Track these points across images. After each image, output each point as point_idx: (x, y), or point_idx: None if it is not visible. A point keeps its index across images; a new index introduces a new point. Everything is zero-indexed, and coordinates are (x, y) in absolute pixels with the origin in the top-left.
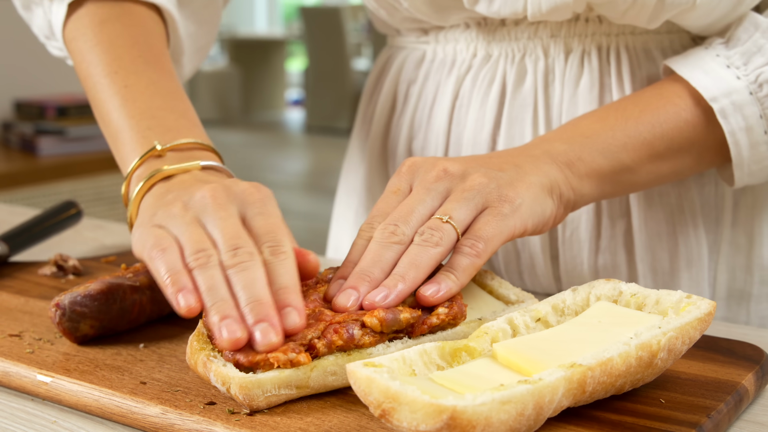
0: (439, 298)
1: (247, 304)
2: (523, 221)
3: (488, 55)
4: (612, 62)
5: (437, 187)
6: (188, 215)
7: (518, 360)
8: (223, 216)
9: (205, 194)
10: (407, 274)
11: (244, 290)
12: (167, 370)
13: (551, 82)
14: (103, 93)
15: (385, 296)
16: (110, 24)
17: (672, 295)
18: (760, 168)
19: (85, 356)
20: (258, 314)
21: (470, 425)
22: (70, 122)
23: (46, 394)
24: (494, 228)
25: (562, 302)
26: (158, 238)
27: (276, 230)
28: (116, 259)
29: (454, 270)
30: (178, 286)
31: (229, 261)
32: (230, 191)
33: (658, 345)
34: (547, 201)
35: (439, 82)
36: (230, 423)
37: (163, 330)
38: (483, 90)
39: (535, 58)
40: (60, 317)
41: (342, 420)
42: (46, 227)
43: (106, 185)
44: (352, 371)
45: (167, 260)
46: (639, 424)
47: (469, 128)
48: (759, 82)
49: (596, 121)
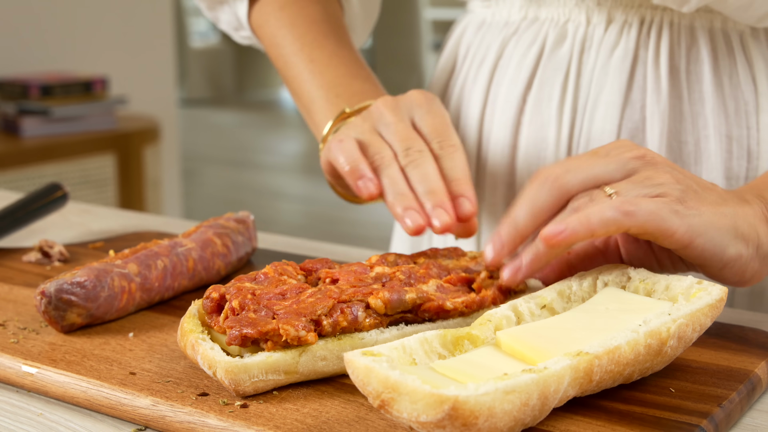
0: (564, 238)
1: (424, 194)
2: (690, 230)
3: (536, 17)
4: (652, 36)
5: (627, 164)
6: (366, 125)
7: (523, 348)
8: (394, 121)
9: (378, 105)
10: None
11: (420, 183)
12: (158, 360)
13: (587, 49)
14: (294, 69)
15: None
16: (289, 7)
17: (682, 281)
18: None
19: (72, 346)
20: (435, 202)
21: (473, 416)
22: (55, 101)
23: (31, 385)
24: (654, 206)
25: (568, 288)
26: (339, 139)
27: (443, 127)
28: (104, 245)
29: (590, 217)
30: (358, 173)
31: (404, 160)
32: (398, 100)
33: (668, 332)
34: (736, 242)
35: (489, 43)
36: (224, 414)
37: (153, 319)
38: (522, 51)
39: (577, 24)
40: (46, 305)
41: (340, 411)
42: (30, 211)
43: (93, 167)
44: (350, 360)
45: (345, 149)
46: (648, 414)
47: (505, 87)
48: None
49: None
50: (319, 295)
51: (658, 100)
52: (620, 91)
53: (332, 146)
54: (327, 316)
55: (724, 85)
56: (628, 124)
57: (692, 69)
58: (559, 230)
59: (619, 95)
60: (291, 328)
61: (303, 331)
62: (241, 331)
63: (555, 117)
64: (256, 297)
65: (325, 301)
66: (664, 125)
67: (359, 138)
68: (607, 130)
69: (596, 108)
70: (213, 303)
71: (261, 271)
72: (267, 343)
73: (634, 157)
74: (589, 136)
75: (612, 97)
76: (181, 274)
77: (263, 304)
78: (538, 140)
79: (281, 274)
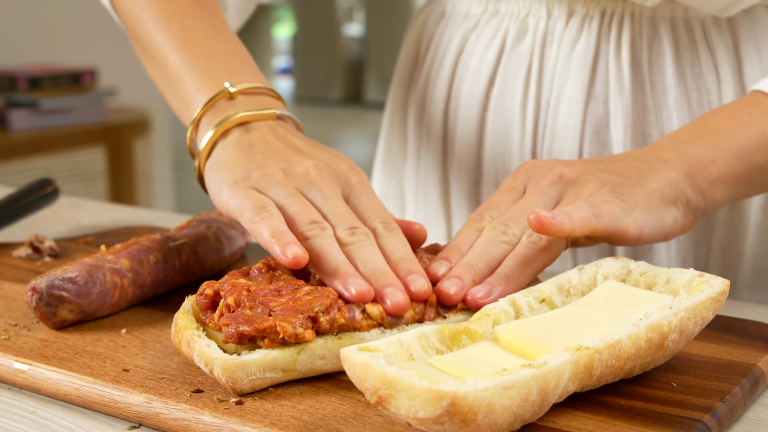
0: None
1: (370, 275)
2: (637, 226)
3: (496, 10)
4: (613, 29)
5: (551, 191)
6: (291, 186)
7: (522, 343)
8: (330, 195)
9: (309, 169)
10: (512, 275)
11: (365, 264)
12: (151, 357)
13: (549, 43)
14: (160, 37)
15: (488, 293)
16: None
17: (684, 274)
18: None
19: (64, 342)
20: (384, 282)
21: (471, 412)
22: (44, 93)
23: (23, 382)
24: (611, 208)
25: (567, 282)
26: (261, 201)
27: (382, 209)
28: (95, 239)
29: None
30: (285, 240)
31: (347, 239)
32: (332, 170)
33: (669, 326)
34: (669, 210)
35: (450, 37)
36: (218, 412)
37: (146, 314)
38: (484, 46)
39: (538, 17)
40: (37, 301)
41: (336, 408)
42: (21, 206)
43: (82, 160)
44: (346, 356)
45: (272, 224)
46: (649, 409)
47: (467, 83)
48: None
49: (728, 118)
50: (317, 293)
51: (621, 93)
52: (583, 85)
53: (256, 218)
54: (324, 314)
55: (687, 76)
56: (592, 119)
57: (654, 61)
58: (550, 216)
59: (581, 90)
60: (288, 325)
61: (300, 328)
62: (237, 328)
63: (519, 113)
64: (252, 294)
65: (322, 299)
66: (627, 119)
67: (283, 204)
68: (570, 125)
69: (559, 103)
70: (207, 300)
71: (254, 266)
72: (264, 341)
73: (552, 183)
74: (553, 132)
75: (575, 92)
76: (174, 269)
77: (259, 300)
78: (503, 137)
79: (275, 269)
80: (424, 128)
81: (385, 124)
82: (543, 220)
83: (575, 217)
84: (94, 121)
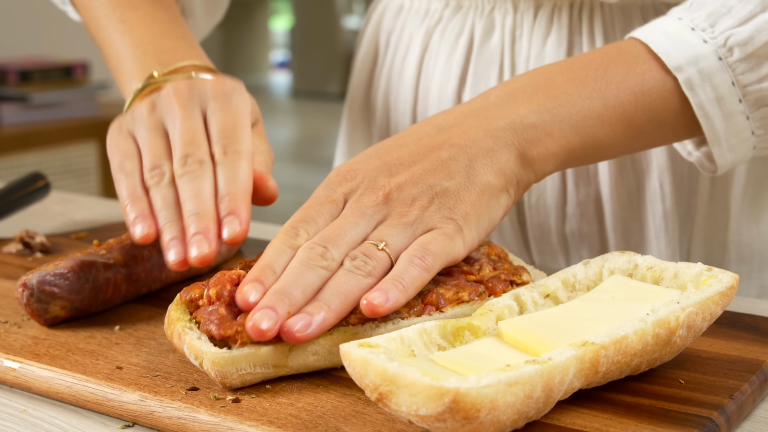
0: (386, 310)
1: (188, 217)
2: (467, 246)
3: (459, 5)
4: (584, 19)
5: (374, 214)
6: (153, 118)
7: (526, 339)
8: (183, 116)
9: (168, 92)
10: (332, 302)
11: (188, 202)
12: (145, 354)
13: (518, 38)
14: (104, 32)
15: (307, 325)
16: None
17: (692, 268)
18: (741, 141)
19: (56, 340)
20: (196, 227)
21: (474, 408)
22: (34, 87)
23: (13, 381)
24: (441, 246)
25: (572, 276)
26: (122, 155)
27: (233, 127)
28: (87, 235)
29: (402, 280)
30: (134, 212)
31: (179, 170)
32: (193, 88)
33: (677, 321)
34: (500, 201)
35: (412, 33)
36: (215, 410)
37: (140, 311)
38: (450, 43)
39: (504, 11)
40: (28, 298)
41: (336, 405)
42: (11, 201)
43: (74, 156)
44: (346, 352)
45: (128, 184)
46: (656, 407)
47: (436, 83)
48: (729, 45)
49: (573, 80)
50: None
51: None
52: None
53: (118, 178)
54: None
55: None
56: None
57: None
58: (383, 301)
59: None
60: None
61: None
62: (207, 327)
63: None
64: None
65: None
66: None
67: (142, 139)
68: None
69: None
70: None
71: (250, 260)
72: (237, 342)
73: (376, 204)
74: None
75: None
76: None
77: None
78: None
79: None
80: (392, 131)
81: (345, 125)
82: (377, 309)
83: (407, 283)
84: (85, 116)
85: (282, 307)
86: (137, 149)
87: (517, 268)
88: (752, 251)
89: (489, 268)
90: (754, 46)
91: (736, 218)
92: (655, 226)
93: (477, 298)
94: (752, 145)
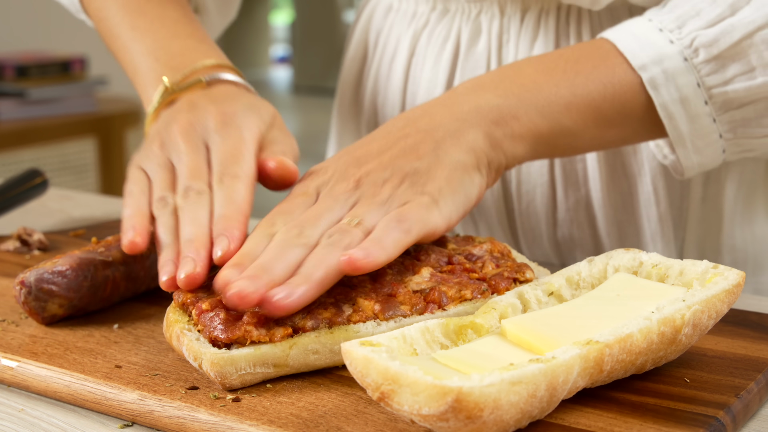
0: (366, 265)
1: (183, 243)
2: (445, 218)
3: (446, 9)
4: (572, 23)
5: (347, 197)
6: (162, 155)
7: (529, 337)
8: (187, 151)
9: (174, 129)
10: (313, 275)
11: (184, 229)
12: (144, 353)
13: (505, 43)
14: (118, 41)
15: (287, 295)
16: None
17: (697, 266)
18: (707, 143)
19: (54, 338)
20: (187, 250)
21: (477, 408)
22: (31, 83)
23: (11, 380)
24: (417, 213)
25: (577, 274)
26: (131, 183)
27: (232, 153)
28: (85, 232)
29: (382, 240)
30: (129, 223)
31: (179, 202)
32: (194, 122)
33: (682, 319)
34: (473, 179)
35: (399, 35)
36: (215, 409)
37: (139, 309)
38: (437, 48)
39: (491, 15)
40: (25, 296)
41: (337, 404)
42: (8, 198)
43: (72, 152)
44: (347, 351)
45: (133, 203)
46: (662, 406)
47: (423, 88)
48: (694, 46)
49: (541, 71)
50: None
51: None
52: None
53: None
54: (306, 319)
55: None
56: None
57: None
58: (362, 256)
59: None
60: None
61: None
62: (211, 333)
63: None
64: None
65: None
66: None
67: (152, 173)
68: None
69: None
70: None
71: None
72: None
73: (347, 191)
74: None
75: None
76: None
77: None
78: None
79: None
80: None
81: (336, 123)
82: (357, 262)
83: (387, 243)
84: (84, 112)
85: (263, 279)
86: (148, 182)
87: (520, 265)
88: (746, 255)
89: (492, 265)
90: (719, 48)
91: (729, 221)
92: (651, 230)
93: (480, 295)
94: (721, 148)
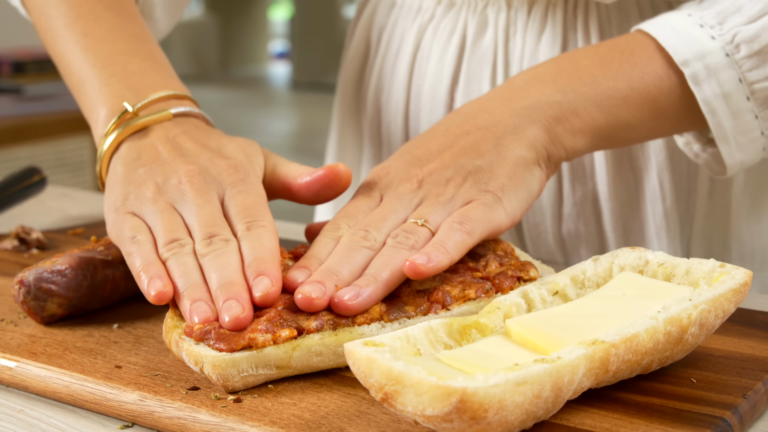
0: (429, 270)
1: (217, 287)
2: (509, 215)
3: (451, 2)
4: (579, 15)
5: (411, 198)
6: (162, 201)
7: (534, 337)
8: (200, 203)
9: (181, 179)
10: (380, 275)
11: (215, 274)
12: (144, 353)
13: (512, 36)
14: (63, 45)
15: (356, 295)
16: None
17: (704, 264)
18: (750, 140)
19: (53, 338)
20: (227, 294)
21: (482, 408)
22: (28, 79)
23: (10, 380)
24: (481, 212)
25: (582, 273)
26: (133, 230)
27: (255, 206)
28: (84, 230)
29: (444, 243)
30: (149, 275)
31: (203, 250)
32: (207, 175)
33: (689, 319)
34: (534, 174)
35: (404, 31)
36: (216, 410)
37: (139, 309)
38: (443, 42)
39: (497, 8)
40: (24, 295)
41: (340, 405)
42: (6, 196)
43: (70, 149)
44: (350, 351)
45: (141, 254)
46: (668, 406)
47: (428, 83)
48: (736, 42)
49: (598, 63)
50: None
51: None
52: None
53: (130, 250)
54: (311, 320)
55: None
56: None
57: None
58: (424, 261)
59: None
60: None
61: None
62: (213, 346)
63: None
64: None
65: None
66: None
67: (152, 224)
68: None
69: None
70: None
71: None
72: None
73: (411, 191)
74: None
75: None
76: None
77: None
78: None
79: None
80: (384, 130)
81: (336, 120)
82: (419, 267)
83: (450, 247)
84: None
85: (330, 282)
86: (147, 226)
87: (524, 264)
88: (753, 249)
89: (495, 264)
90: (761, 43)
91: (737, 216)
92: (657, 225)
93: (484, 295)
94: (762, 146)
